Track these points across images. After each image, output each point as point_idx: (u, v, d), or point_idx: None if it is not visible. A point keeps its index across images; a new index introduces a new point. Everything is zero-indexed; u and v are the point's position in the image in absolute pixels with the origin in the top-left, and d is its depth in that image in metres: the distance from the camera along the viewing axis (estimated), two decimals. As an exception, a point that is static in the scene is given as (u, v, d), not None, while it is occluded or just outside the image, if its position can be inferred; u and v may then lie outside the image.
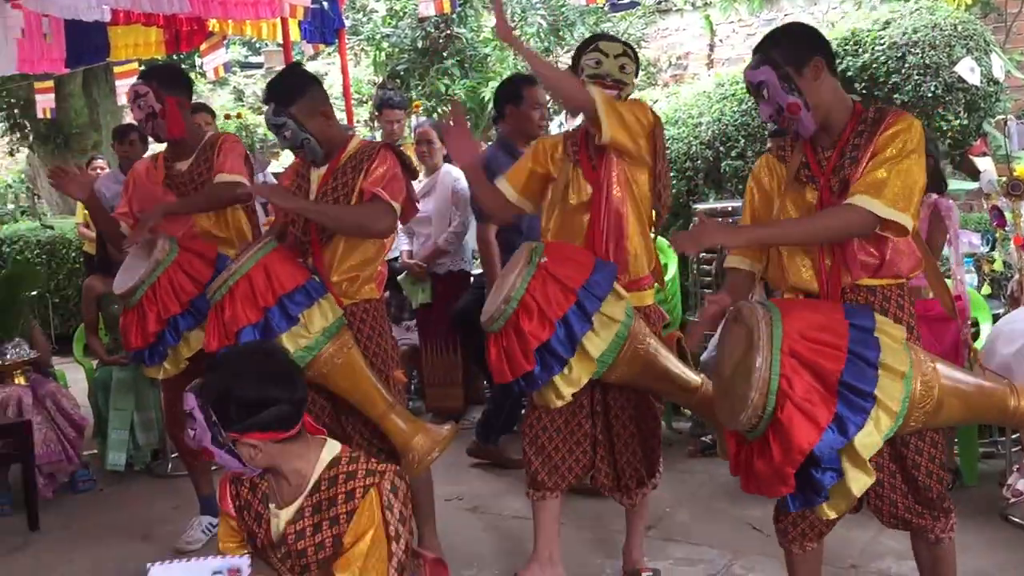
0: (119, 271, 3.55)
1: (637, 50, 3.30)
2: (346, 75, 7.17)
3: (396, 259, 5.71)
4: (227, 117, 11.23)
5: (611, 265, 2.99)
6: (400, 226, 5.52)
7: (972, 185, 5.95)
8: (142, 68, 7.89)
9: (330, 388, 3.20)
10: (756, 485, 2.30)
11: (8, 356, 4.65)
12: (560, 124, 8.67)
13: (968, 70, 5.23)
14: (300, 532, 2.20)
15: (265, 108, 3.24)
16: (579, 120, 3.24)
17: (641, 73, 9.90)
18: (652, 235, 3.24)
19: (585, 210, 3.11)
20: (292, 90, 3.19)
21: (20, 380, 4.70)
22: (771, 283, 2.73)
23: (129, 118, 11.70)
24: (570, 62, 3.26)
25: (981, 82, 5.54)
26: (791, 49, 2.48)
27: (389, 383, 3.25)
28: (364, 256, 3.25)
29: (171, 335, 3.41)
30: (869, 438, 2.21)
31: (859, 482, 2.25)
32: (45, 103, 8.52)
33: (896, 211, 2.35)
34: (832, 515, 2.42)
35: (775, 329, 2.22)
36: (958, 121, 5.84)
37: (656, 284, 3.27)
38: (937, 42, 5.73)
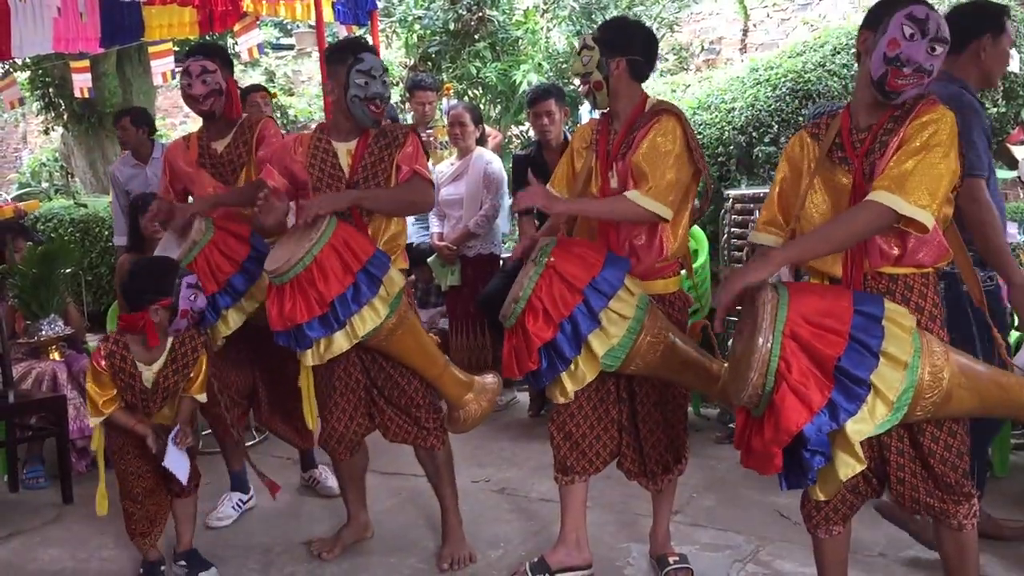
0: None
1: (615, 26, 3.19)
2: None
3: (423, 242, 5.74)
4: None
5: (623, 260, 2.97)
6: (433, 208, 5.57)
7: (1009, 174, 5.87)
8: (176, 48, 7.94)
9: (396, 350, 3.26)
10: (753, 461, 2.33)
11: (44, 332, 4.72)
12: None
13: (1007, 57, 5.15)
14: (167, 376, 3.30)
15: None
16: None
17: (673, 57, 9.88)
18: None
19: None
20: None
21: (55, 355, 4.78)
22: (796, 266, 2.72)
23: (163, 97, 11.79)
24: None
25: (1020, 70, 5.47)
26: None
27: None
28: (398, 227, 3.38)
29: (210, 313, 3.44)
30: (861, 425, 2.23)
31: (847, 467, 2.28)
32: (82, 83, 8.55)
33: (917, 208, 2.30)
34: (823, 497, 2.46)
35: (780, 312, 2.24)
36: (996, 109, 5.76)
37: (683, 271, 3.26)
38: (976, 28, 5.65)
